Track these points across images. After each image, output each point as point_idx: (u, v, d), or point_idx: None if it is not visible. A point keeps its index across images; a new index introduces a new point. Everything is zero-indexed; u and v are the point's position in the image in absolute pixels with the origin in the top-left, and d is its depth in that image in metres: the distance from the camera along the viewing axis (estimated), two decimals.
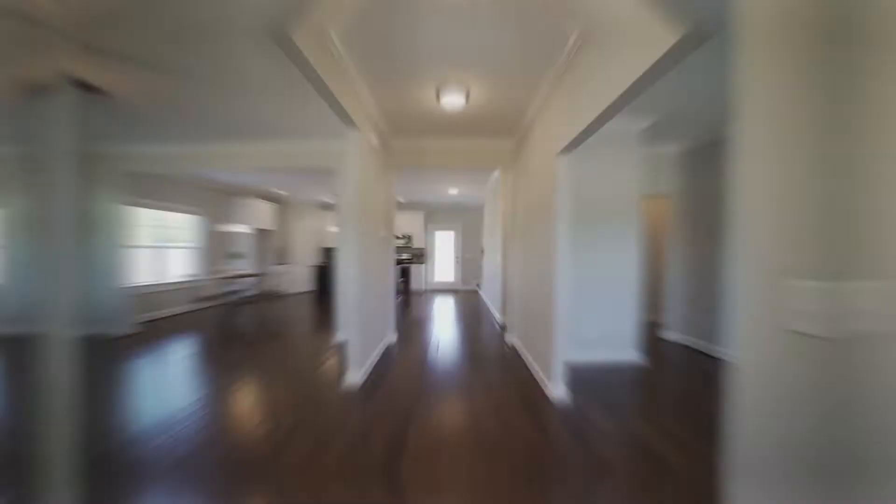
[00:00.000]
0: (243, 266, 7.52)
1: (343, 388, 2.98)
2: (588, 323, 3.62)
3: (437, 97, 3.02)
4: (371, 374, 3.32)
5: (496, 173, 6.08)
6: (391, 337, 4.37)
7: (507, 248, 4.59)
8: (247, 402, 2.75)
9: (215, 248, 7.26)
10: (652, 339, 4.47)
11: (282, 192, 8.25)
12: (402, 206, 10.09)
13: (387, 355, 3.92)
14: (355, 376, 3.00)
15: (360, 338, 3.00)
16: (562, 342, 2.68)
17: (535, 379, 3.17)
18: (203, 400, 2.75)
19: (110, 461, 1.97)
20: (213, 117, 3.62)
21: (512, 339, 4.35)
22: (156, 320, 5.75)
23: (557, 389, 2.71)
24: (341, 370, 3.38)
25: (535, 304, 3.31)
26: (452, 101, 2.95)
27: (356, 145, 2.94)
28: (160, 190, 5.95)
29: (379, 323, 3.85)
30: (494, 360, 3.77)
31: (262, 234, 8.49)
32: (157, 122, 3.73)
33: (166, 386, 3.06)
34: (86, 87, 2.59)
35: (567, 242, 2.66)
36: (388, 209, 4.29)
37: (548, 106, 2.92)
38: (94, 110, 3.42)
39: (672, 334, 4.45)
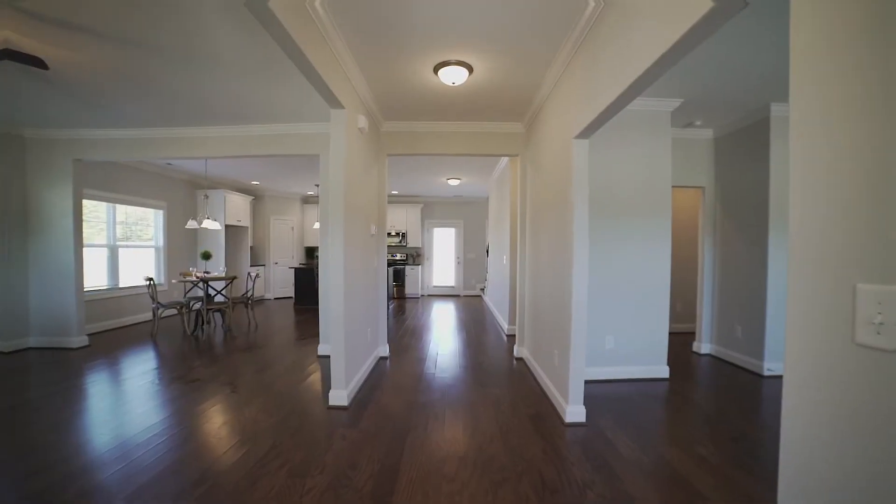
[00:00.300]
0: (213, 267, 7.47)
1: (327, 408, 2.95)
2: (610, 333, 3.58)
3: (435, 72, 2.98)
4: (359, 391, 3.28)
5: (503, 161, 6.05)
6: (382, 349, 4.34)
7: (516, 248, 4.55)
8: (216, 424, 2.71)
9: (181, 247, 7.23)
10: (682, 352, 4.44)
11: (258, 183, 8.22)
12: (395, 200, 10.06)
13: (377, 370, 3.88)
14: (340, 396, 2.96)
15: (345, 351, 2.96)
16: (580, 356, 2.64)
17: (548, 398, 3.13)
18: (166, 422, 2.71)
19: (58, 493, 1.92)
20: (178, 97, 3.58)
21: (521, 351, 4.31)
22: (113, 330, 5.71)
23: (575, 410, 2.67)
24: (325, 387, 3.34)
25: (549, 312, 3.27)
26: (452, 75, 2.91)
27: (342, 127, 2.90)
28: (117, 180, 5.91)
29: (368, 334, 3.81)
30: (501, 376, 3.73)
31: (235, 231, 8.46)
32: (111, 102, 3.69)
33: (124, 406, 3.02)
34: (22, 57, 2.54)
35: (585, 240, 2.62)
36: (378, 203, 4.25)
37: (563, 83, 2.89)
38: (35, 86, 3.38)
39: (705, 346, 4.41)
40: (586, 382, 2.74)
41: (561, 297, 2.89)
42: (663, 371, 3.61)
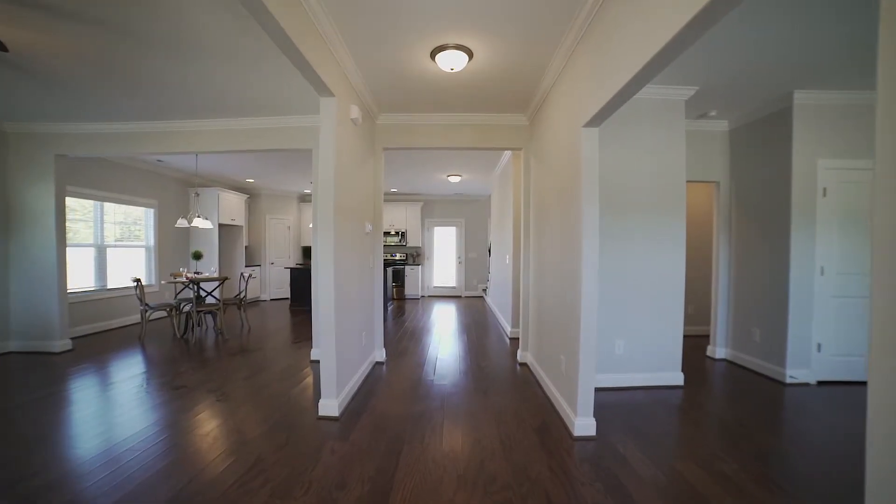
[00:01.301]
0: (205, 268, 7.33)
1: (317, 418, 2.78)
2: (620, 337, 3.40)
3: (433, 58, 2.81)
4: (352, 400, 3.11)
5: (506, 157, 5.88)
6: (379, 354, 4.17)
7: (520, 247, 4.38)
8: (198, 435, 2.54)
9: (173, 247, 7.09)
10: (696, 357, 4.25)
11: (253, 181, 8.08)
12: (395, 198, 9.91)
13: (373, 376, 3.71)
14: (331, 406, 2.80)
15: (336, 358, 2.79)
16: (590, 363, 2.46)
17: (554, 408, 2.95)
18: (145, 433, 2.55)
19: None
20: (165, 89, 3.42)
21: (525, 356, 4.14)
22: (100, 333, 5.57)
23: (584, 423, 2.49)
24: (317, 395, 3.18)
25: (555, 315, 3.10)
26: (451, 60, 2.74)
27: (332, 117, 2.74)
28: (106, 178, 5.77)
29: (362, 338, 3.65)
30: (504, 383, 3.56)
31: (229, 230, 8.32)
32: (92, 93, 3.54)
33: (101, 416, 2.86)
34: None
35: (596, 237, 2.44)
36: (374, 199, 4.09)
37: (570, 68, 2.71)
38: (10, 76, 3.23)
39: (720, 350, 4.22)
40: (595, 390, 2.56)
41: (568, 299, 2.71)
42: (677, 378, 3.42)
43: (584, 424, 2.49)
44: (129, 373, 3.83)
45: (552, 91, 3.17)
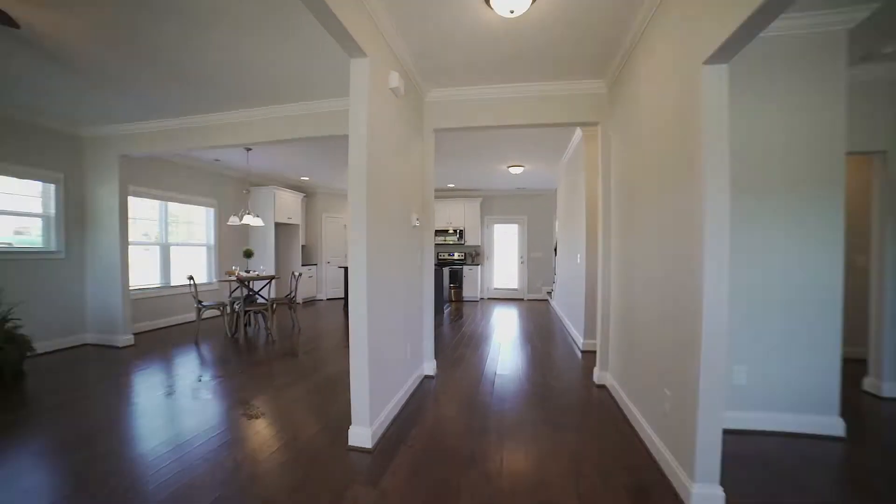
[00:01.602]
0: (261, 267, 7.39)
1: (348, 448, 2.32)
2: (742, 363, 2.53)
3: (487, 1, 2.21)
4: (390, 426, 2.61)
5: (575, 141, 5.08)
6: (428, 366, 3.65)
7: (597, 243, 3.62)
8: (207, 464, 2.20)
9: (232, 245, 7.23)
10: (850, 393, 3.16)
11: (308, 179, 8.05)
12: (452, 193, 9.44)
13: (419, 395, 3.20)
14: (363, 435, 2.32)
15: (369, 378, 2.31)
16: (714, 404, 1.70)
17: (653, 458, 2.20)
18: (151, 454, 2.27)
19: None
20: (209, 73, 3.23)
21: (604, 377, 3.37)
22: (163, 329, 5.74)
23: (705, 493, 1.73)
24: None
25: (653, 331, 2.34)
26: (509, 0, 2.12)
27: (364, 81, 2.26)
28: (169, 178, 5.95)
29: (407, 351, 3.14)
30: (579, 413, 2.85)
31: (285, 229, 8.38)
32: (132, 83, 3.44)
33: (110, 428, 2.64)
34: None
35: (725, 223, 1.68)
36: (423, 187, 3.58)
37: None
38: (56, 71, 3.17)
39: (888, 386, 3.09)
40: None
41: (677, 311, 1.96)
42: (834, 425, 2.45)
43: (706, 495, 1.73)
44: (166, 375, 3.73)
45: (644, 37, 2.41)
